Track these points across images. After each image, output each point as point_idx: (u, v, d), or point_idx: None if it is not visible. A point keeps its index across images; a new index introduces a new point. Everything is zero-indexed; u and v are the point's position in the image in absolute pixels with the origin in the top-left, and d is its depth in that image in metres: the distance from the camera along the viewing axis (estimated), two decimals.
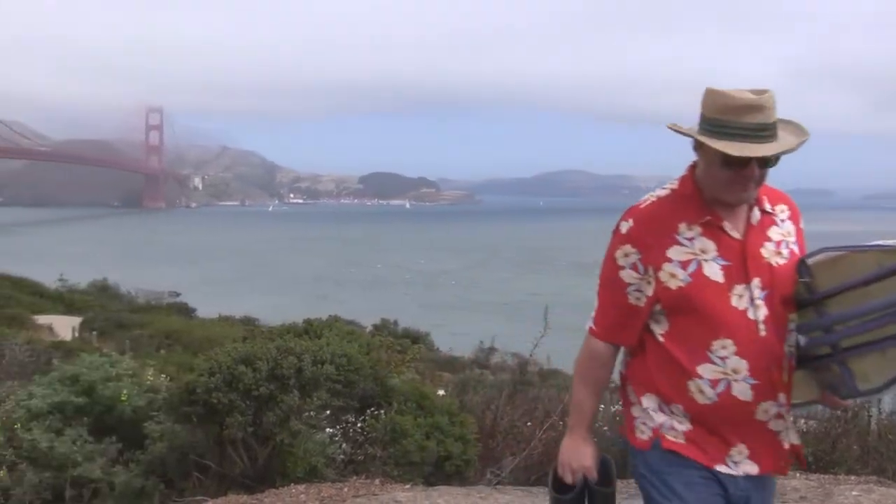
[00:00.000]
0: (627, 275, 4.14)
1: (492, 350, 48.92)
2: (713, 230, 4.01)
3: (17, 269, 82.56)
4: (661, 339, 4.12)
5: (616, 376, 4.55)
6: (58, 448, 11.31)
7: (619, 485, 4.87)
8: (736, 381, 3.96)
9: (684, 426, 4.11)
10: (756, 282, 3.99)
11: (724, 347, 3.95)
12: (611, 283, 4.26)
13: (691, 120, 4.00)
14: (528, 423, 12.53)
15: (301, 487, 9.57)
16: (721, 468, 4.07)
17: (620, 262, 4.15)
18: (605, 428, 11.79)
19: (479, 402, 13.63)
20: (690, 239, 4.02)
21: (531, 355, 15.52)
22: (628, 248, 4.10)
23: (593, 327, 4.38)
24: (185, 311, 64.71)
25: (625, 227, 4.12)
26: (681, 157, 4.20)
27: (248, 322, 56.20)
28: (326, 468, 10.46)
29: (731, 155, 3.79)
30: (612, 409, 12.24)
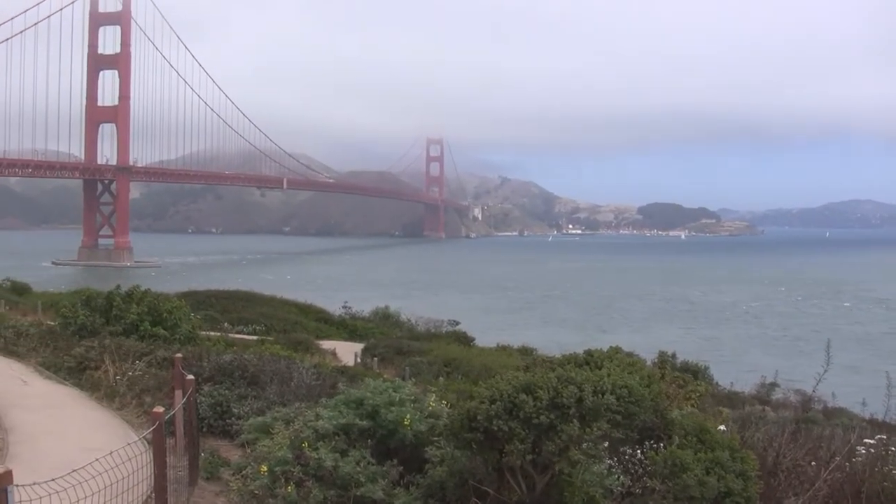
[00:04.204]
0: None
1: (773, 385, 47.51)
2: None
3: (304, 296, 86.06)
4: None
5: None
6: (342, 468, 11.72)
7: None
8: None
9: None
10: None
11: None
12: None
13: None
14: (812, 463, 12.14)
15: None
16: None
17: None
18: None
19: (760, 438, 13.31)
20: None
21: (814, 392, 15.01)
22: None
23: None
24: (465, 339, 65.37)
25: None
26: None
27: (526, 351, 56.49)
28: (604, 499, 10.42)
29: None
30: None
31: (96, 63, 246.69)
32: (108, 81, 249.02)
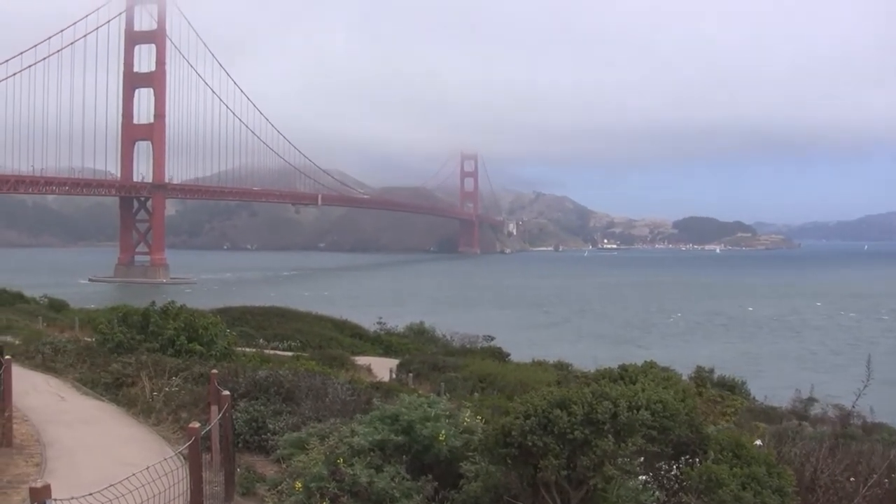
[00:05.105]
0: None
1: (811, 401, 47.18)
2: None
3: (339, 312, 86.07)
4: None
5: None
6: (377, 483, 11.74)
7: None
8: None
9: None
10: None
11: None
12: None
13: None
14: (851, 479, 12.04)
15: None
16: None
17: None
18: None
19: (797, 454, 13.22)
20: None
21: (854, 407, 14.87)
22: None
23: None
24: (499, 354, 65.12)
25: None
26: None
27: (561, 367, 56.35)
28: None
29: None
30: None
31: (132, 81, 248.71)
32: (144, 99, 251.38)
